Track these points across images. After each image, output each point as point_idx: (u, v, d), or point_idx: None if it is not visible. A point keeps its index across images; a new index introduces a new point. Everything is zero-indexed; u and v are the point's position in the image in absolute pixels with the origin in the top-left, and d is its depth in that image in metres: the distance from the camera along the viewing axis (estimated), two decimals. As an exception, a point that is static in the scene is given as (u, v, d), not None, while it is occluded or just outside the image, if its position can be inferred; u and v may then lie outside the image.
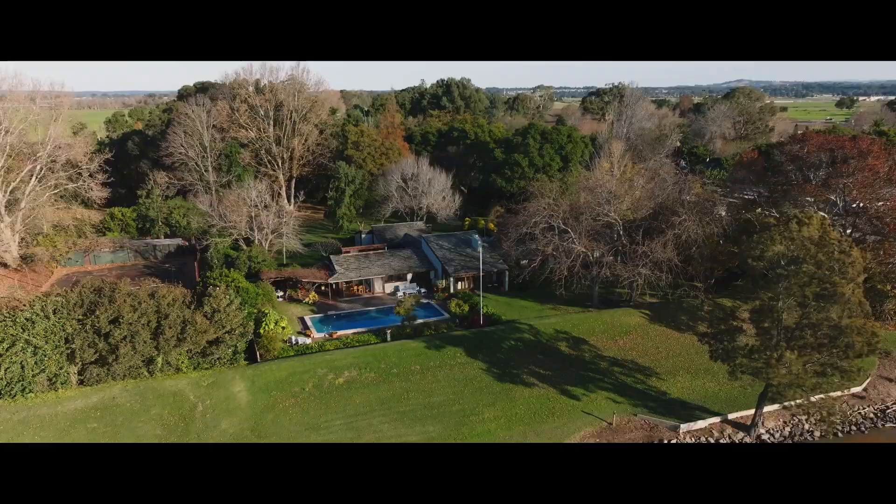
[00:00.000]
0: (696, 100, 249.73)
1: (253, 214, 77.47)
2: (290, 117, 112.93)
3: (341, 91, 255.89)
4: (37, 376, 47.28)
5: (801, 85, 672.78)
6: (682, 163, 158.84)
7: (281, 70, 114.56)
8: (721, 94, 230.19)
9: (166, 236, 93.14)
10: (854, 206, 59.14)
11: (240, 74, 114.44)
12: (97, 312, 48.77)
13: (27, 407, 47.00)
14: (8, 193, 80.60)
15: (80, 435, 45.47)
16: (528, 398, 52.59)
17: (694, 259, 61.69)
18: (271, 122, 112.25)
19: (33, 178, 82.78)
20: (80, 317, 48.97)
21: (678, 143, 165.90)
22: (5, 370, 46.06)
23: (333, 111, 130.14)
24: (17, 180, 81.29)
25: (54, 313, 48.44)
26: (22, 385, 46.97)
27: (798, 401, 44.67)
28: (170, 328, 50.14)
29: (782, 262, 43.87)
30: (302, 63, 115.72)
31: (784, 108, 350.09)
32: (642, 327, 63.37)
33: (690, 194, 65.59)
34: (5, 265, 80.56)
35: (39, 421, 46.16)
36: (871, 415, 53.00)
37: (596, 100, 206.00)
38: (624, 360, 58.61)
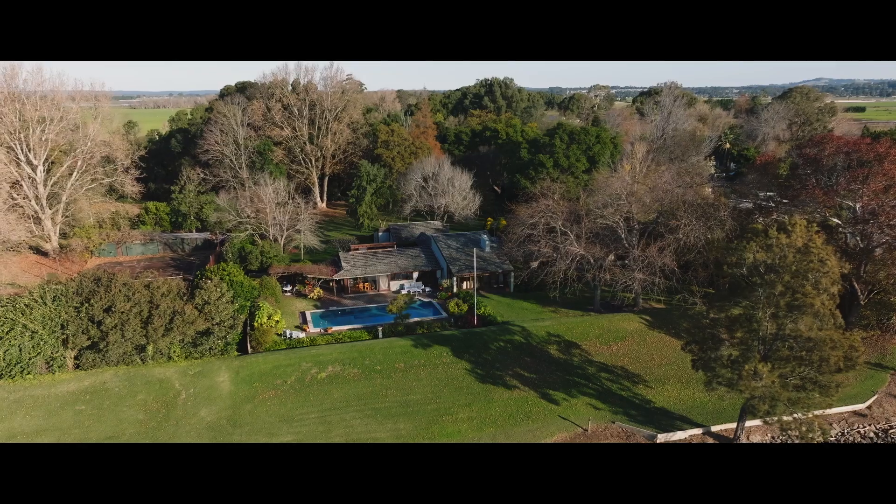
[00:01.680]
0: (765, 100, 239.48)
1: (268, 211, 79.65)
2: (324, 116, 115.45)
3: (398, 91, 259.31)
4: (33, 359, 50.32)
5: (886, 83, 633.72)
6: (732, 165, 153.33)
7: (315, 70, 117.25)
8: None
9: (197, 230, 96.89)
10: (865, 212, 55.78)
11: (277, 75, 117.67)
12: (92, 301, 51.48)
13: (24, 387, 50.13)
14: (49, 187, 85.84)
15: (68, 416, 48.19)
16: (505, 400, 52.20)
17: (693, 265, 59.62)
18: (305, 121, 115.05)
19: (74, 173, 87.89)
20: (77, 304, 51.79)
21: (728, 145, 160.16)
22: (4, 352, 49.23)
23: (368, 110, 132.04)
24: (58, 175, 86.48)
25: (53, 300, 51.44)
26: (21, 367, 50.09)
27: (776, 416, 42.75)
28: (159, 318, 52.37)
29: (761, 270, 42.10)
30: (335, 63, 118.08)
31: (861, 108, 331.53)
32: (639, 333, 61.74)
33: (696, 197, 63.24)
34: (46, 254, 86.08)
35: (33, 401, 49.16)
36: (872, 434, 50.07)
37: (647, 99, 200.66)
38: (614, 366, 57.31)
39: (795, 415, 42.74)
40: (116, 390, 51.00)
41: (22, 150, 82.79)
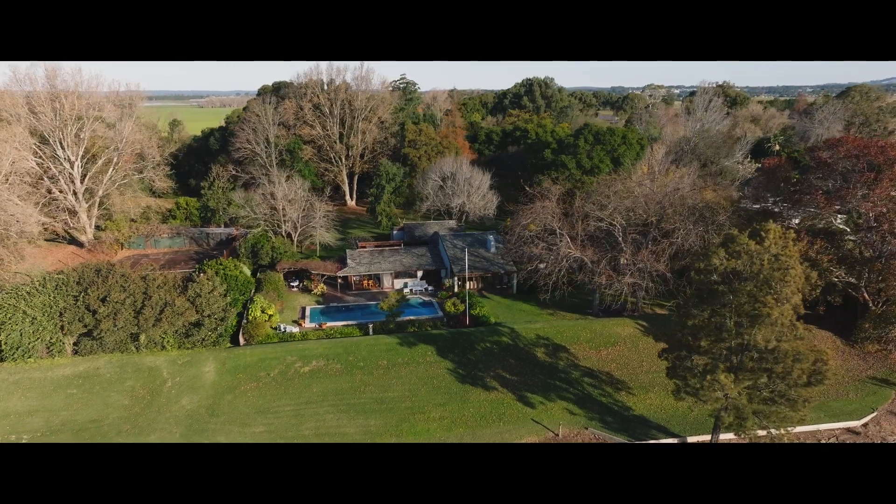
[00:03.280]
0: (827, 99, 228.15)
1: (279, 208, 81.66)
2: (353, 115, 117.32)
3: (449, 91, 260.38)
4: (33, 344, 53.38)
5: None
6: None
7: (347, 70, 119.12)
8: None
9: (225, 225, 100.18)
10: (871, 219, 52.66)
11: (310, 75, 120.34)
12: (89, 290, 54.18)
13: (24, 370, 53.28)
14: (86, 182, 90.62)
15: (59, 398, 50.90)
16: (481, 401, 51.95)
17: (687, 270, 57.63)
18: (336, 120, 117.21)
19: (111, 169, 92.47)
20: (76, 293, 54.61)
21: (777, 147, 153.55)
22: (6, 336, 52.44)
23: (400, 109, 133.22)
24: (93, 170, 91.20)
25: (55, 289, 54.41)
26: (21, 350, 53.24)
27: (746, 429, 41.07)
28: (150, 308, 54.62)
29: (731, 278, 40.49)
30: (366, 63, 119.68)
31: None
32: (632, 339, 60.22)
33: (696, 200, 61.05)
34: (82, 245, 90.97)
35: (30, 383, 52.17)
36: (864, 454, 47.23)
37: (696, 99, 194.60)
38: (599, 372, 56.16)
39: (770, 430, 41.05)
40: (108, 376, 53.52)
41: (61, 146, 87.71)
